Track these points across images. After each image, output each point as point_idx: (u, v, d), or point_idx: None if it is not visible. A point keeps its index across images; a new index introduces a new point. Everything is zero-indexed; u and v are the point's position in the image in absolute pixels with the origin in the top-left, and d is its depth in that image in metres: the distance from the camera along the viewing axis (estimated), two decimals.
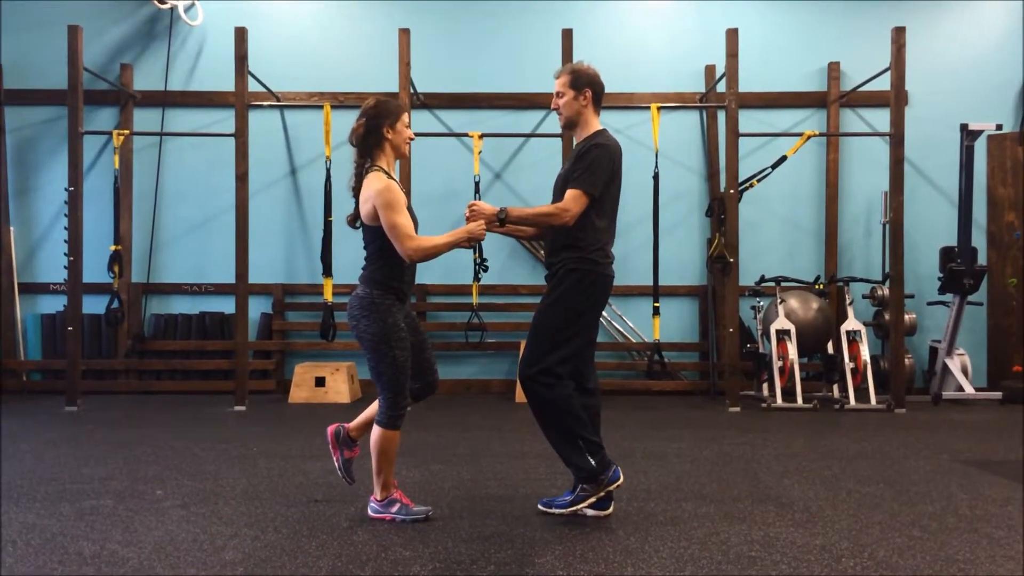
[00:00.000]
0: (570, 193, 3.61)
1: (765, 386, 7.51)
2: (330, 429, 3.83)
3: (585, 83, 3.75)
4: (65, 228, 7.42)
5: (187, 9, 8.37)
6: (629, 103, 8.26)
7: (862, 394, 7.25)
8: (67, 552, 3.22)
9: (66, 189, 7.30)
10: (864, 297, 8.06)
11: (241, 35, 7.22)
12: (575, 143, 3.83)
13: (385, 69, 7.87)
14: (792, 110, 8.43)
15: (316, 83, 8.39)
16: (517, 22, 8.47)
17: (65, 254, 7.35)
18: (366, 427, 3.75)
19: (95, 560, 3.13)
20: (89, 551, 3.23)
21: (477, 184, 7.79)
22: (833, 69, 8.34)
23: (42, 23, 8.31)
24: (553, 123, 7.99)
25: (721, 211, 7.60)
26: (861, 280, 7.86)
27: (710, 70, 8.33)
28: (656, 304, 7.45)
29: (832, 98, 8.31)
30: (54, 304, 8.29)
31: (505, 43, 8.48)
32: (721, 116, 7.99)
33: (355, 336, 3.58)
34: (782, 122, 8.37)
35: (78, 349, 7.25)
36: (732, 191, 7.23)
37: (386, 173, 3.57)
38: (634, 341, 8.32)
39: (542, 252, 5.17)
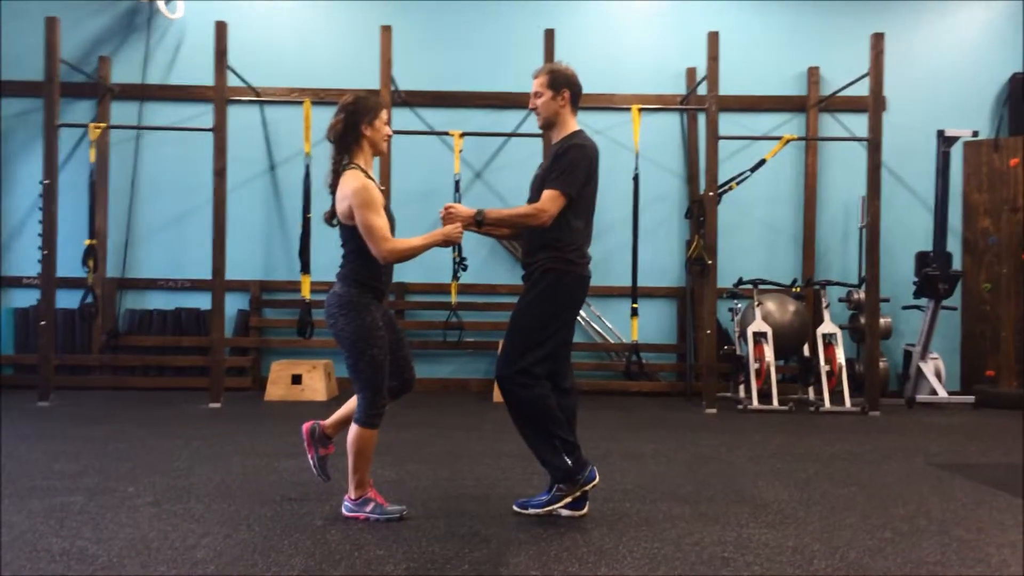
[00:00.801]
0: (547, 194, 3.60)
1: (742, 388, 7.54)
2: (305, 426, 3.80)
3: (563, 83, 3.74)
4: (39, 221, 7.33)
5: (167, 2, 8.29)
6: (610, 104, 8.27)
7: (837, 397, 7.29)
8: (35, 549, 3.17)
9: (41, 182, 7.22)
10: (840, 300, 8.11)
11: (221, 29, 7.16)
12: (552, 143, 3.83)
13: (367, 66, 7.83)
14: (772, 114, 8.48)
15: (296, 79, 8.34)
16: (500, 21, 8.46)
17: (39, 248, 7.27)
18: (342, 425, 3.72)
19: (64, 557, 3.09)
20: (58, 548, 3.19)
21: (457, 183, 7.78)
22: (813, 74, 8.39)
23: (19, 14, 8.21)
24: (534, 123, 7.96)
25: (700, 213, 7.62)
26: (837, 284, 7.92)
27: (691, 73, 8.37)
28: (635, 305, 7.46)
29: (811, 103, 8.36)
30: (27, 298, 8.18)
31: (488, 42, 8.47)
32: (701, 119, 8.02)
33: (333, 335, 3.56)
34: (762, 126, 8.42)
35: (51, 344, 7.17)
36: (711, 193, 7.26)
37: (363, 171, 3.54)
38: (612, 342, 8.33)
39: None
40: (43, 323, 7.11)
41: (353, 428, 3.54)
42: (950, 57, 8.51)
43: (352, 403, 3.64)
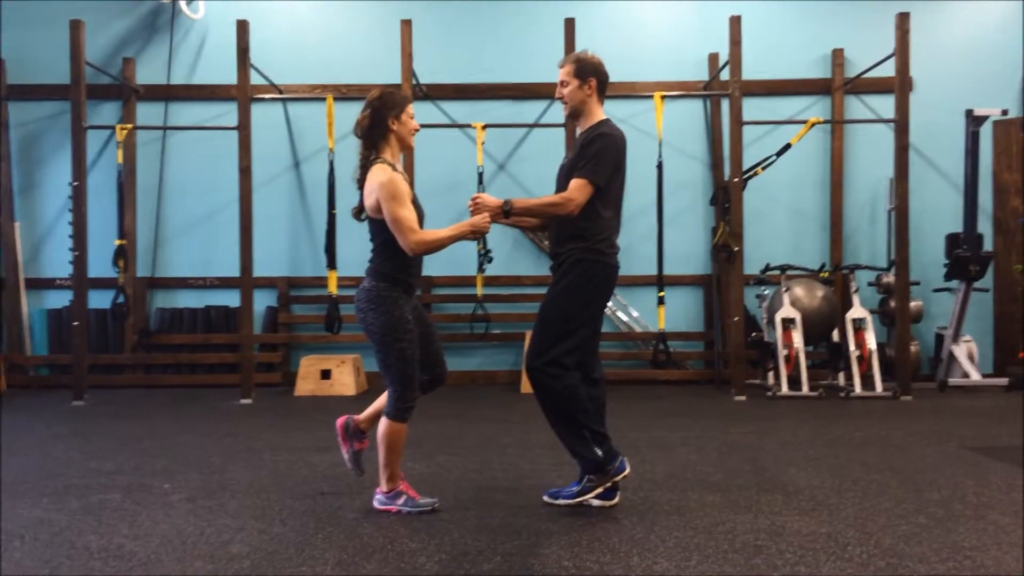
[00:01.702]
0: (575, 183, 3.59)
1: (771, 375, 7.50)
2: (339, 421, 3.83)
3: (590, 72, 3.72)
4: (70, 223, 7.43)
5: (188, 3, 8.35)
6: (632, 92, 8.23)
7: (868, 382, 7.23)
8: (74, 546, 3.23)
9: (70, 184, 7.32)
10: (870, 284, 8.04)
11: (243, 28, 7.21)
12: (578, 132, 3.81)
13: (387, 60, 7.84)
14: (796, 97, 8.40)
15: (318, 75, 8.38)
16: (519, 12, 8.44)
17: (70, 249, 7.37)
18: (375, 419, 3.74)
19: (102, 554, 3.14)
20: (96, 545, 3.24)
21: (480, 175, 7.78)
22: (837, 56, 8.30)
23: (44, 18, 8.31)
24: (556, 113, 7.97)
25: (725, 200, 7.58)
26: (866, 268, 7.84)
27: (713, 58, 8.30)
28: (661, 293, 7.43)
29: (836, 85, 8.27)
30: (60, 299, 8.30)
31: (507, 33, 8.45)
32: (725, 104, 7.96)
33: (363, 329, 3.58)
34: (786, 110, 8.35)
35: (84, 344, 7.27)
36: (736, 179, 7.22)
37: (391, 165, 3.56)
38: (639, 331, 8.31)
39: (546, 243, 5.17)
40: (76, 323, 7.21)
41: (383, 422, 3.57)
42: (977, 36, 8.37)
43: (384, 397, 3.66)
